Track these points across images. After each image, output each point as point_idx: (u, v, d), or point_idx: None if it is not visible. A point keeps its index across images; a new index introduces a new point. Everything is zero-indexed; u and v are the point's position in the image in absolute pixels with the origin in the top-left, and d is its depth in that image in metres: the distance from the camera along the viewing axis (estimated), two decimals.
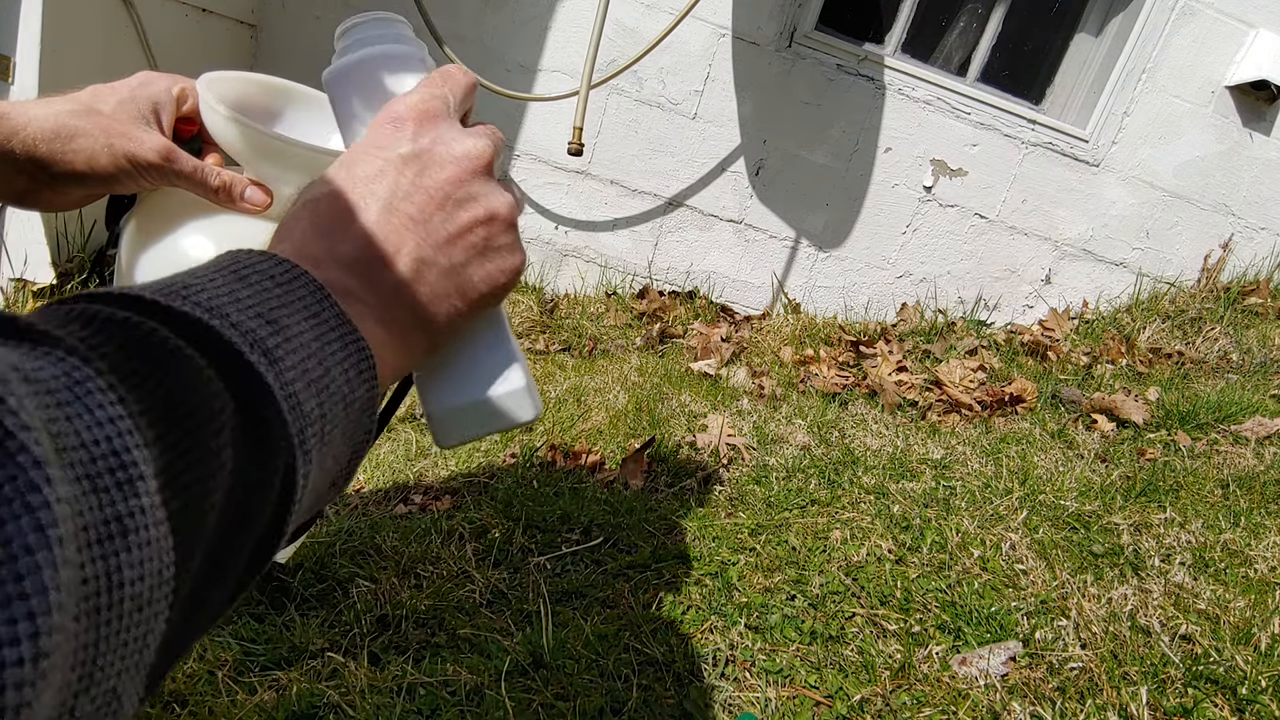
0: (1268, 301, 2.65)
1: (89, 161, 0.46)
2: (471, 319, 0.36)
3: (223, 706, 0.83)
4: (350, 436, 0.29)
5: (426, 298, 0.33)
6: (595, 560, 1.18)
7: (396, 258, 0.32)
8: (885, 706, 0.91)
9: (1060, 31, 2.70)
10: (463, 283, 0.34)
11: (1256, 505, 1.38)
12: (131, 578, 0.19)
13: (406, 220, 0.32)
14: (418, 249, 0.32)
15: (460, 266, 0.33)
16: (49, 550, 0.16)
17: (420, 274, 0.32)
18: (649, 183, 2.57)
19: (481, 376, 0.38)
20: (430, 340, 0.34)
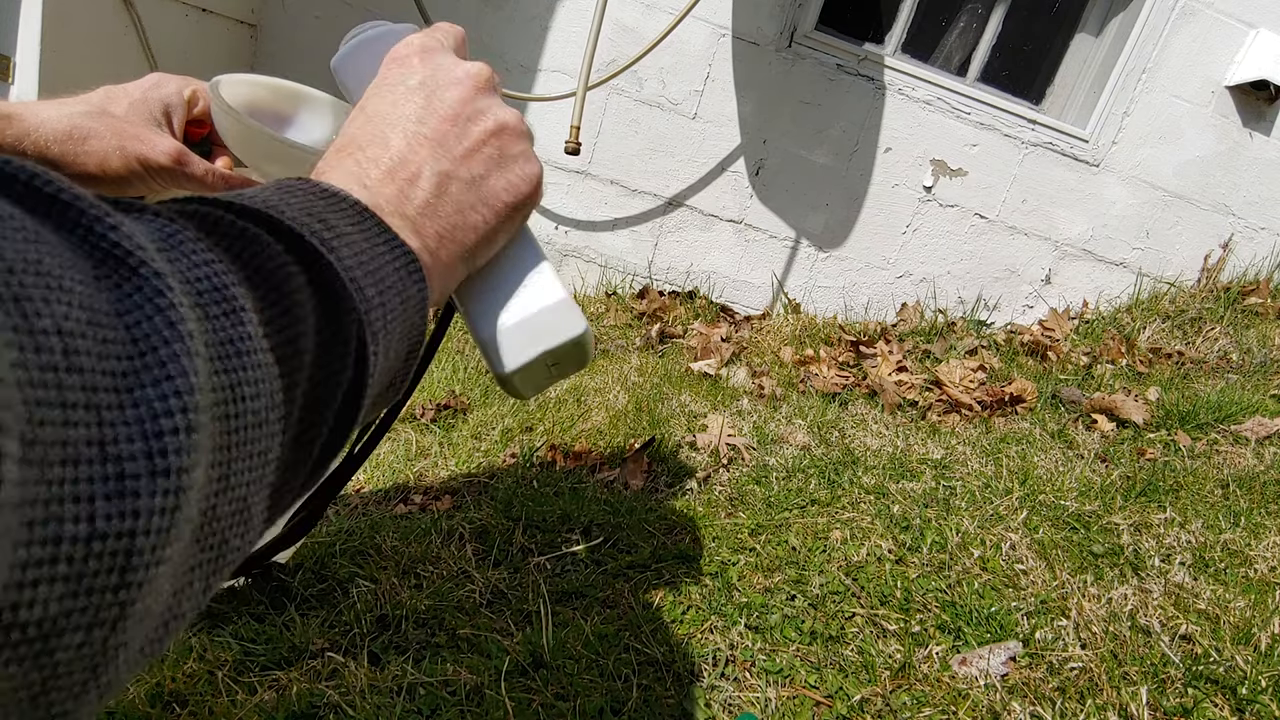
0: (1268, 301, 2.65)
1: (101, 164, 0.47)
2: (502, 236, 0.38)
3: (223, 706, 0.83)
4: (406, 334, 0.31)
5: (454, 209, 0.35)
6: (595, 560, 1.18)
7: (421, 175, 0.34)
8: (885, 706, 0.91)
9: (1060, 31, 2.70)
10: (486, 193, 0.36)
11: (1256, 505, 1.38)
12: (250, 394, 0.21)
13: (424, 140, 0.35)
14: (439, 164, 0.34)
15: (481, 178, 0.36)
16: (183, 342, 0.18)
17: (444, 188, 0.34)
18: (649, 183, 2.57)
19: (523, 294, 0.40)
20: (465, 255, 0.36)
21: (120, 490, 0.16)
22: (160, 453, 0.16)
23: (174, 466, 0.17)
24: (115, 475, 0.16)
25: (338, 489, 0.83)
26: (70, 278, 0.16)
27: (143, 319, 0.17)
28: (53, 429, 0.14)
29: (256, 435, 0.21)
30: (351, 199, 0.30)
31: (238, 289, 0.21)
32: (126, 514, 0.16)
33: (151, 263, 0.18)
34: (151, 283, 0.18)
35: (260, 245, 0.24)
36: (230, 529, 0.21)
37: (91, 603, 0.15)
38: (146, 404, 0.16)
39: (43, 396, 0.14)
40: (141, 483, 0.16)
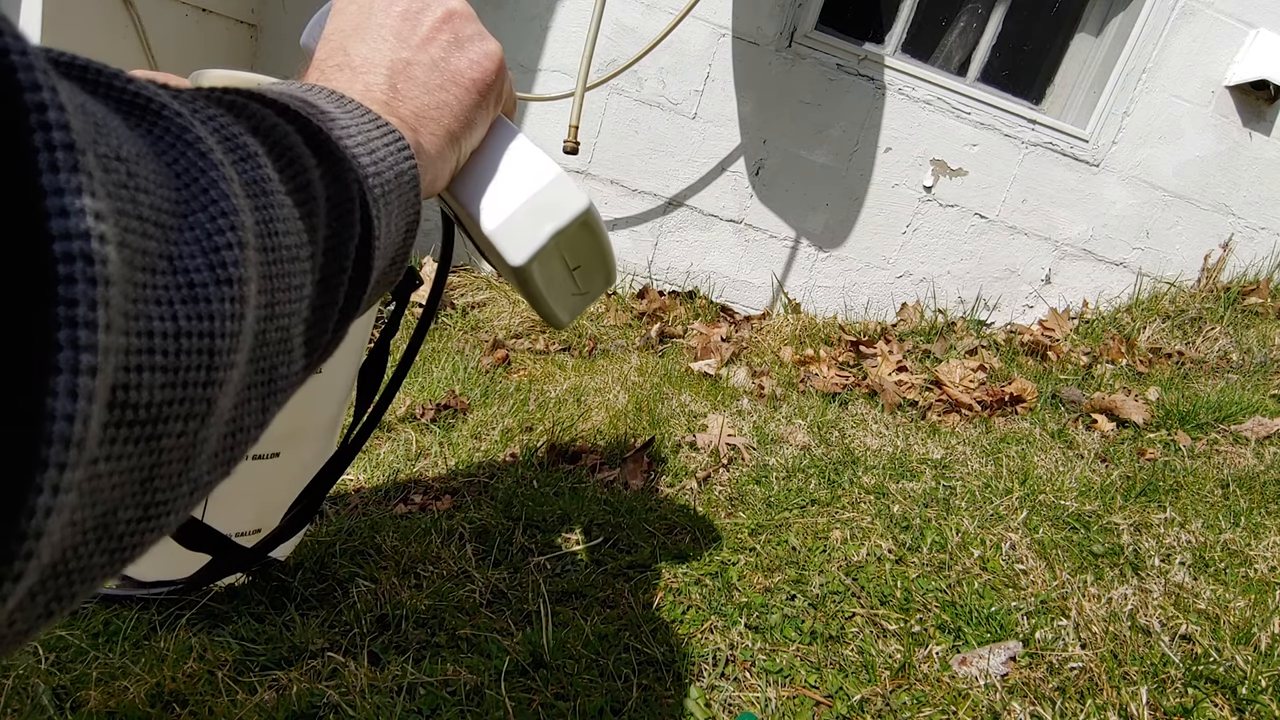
0: (1268, 301, 2.65)
1: None
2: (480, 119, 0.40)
3: (223, 706, 0.83)
4: (404, 210, 0.33)
5: (422, 90, 0.37)
6: (595, 560, 1.18)
7: (381, 65, 0.36)
8: (885, 706, 0.91)
9: (1060, 31, 2.70)
10: (451, 71, 0.38)
11: (1256, 505, 1.38)
12: (282, 230, 0.22)
13: (380, 40, 0.37)
14: (398, 53, 0.37)
15: (441, 60, 0.38)
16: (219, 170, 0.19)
17: (409, 73, 0.37)
18: (649, 183, 2.57)
19: (516, 180, 0.41)
20: (448, 138, 0.38)
21: (193, 296, 0.17)
22: (220, 265, 0.18)
23: (234, 277, 0.19)
24: (186, 284, 0.17)
25: (332, 480, 0.84)
26: (111, 120, 0.17)
27: (179, 156, 0.19)
28: (134, 238, 0.16)
29: (291, 269, 0.22)
30: (326, 88, 0.32)
31: (249, 138, 0.22)
32: (203, 316, 0.18)
33: (174, 107, 0.19)
34: (178, 122, 0.19)
35: (254, 111, 0.25)
36: (277, 356, 0.22)
37: (186, 394, 0.18)
38: (200, 226, 0.18)
39: (123, 208, 0.16)
40: (210, 290, 0.18)
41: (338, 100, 0.31)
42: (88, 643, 0.90)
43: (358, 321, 0.73)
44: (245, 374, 0.20)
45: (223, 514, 0.85)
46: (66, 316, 0.14)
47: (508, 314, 2.40)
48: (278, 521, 0.87)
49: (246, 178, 0.21)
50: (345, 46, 0.37)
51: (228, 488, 0.78)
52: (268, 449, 0.82)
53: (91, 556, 0.17)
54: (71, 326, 0.14)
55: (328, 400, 0.87)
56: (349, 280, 0.28)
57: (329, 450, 0.89)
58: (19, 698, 0.81)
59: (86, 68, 0.18)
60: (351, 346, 0.82)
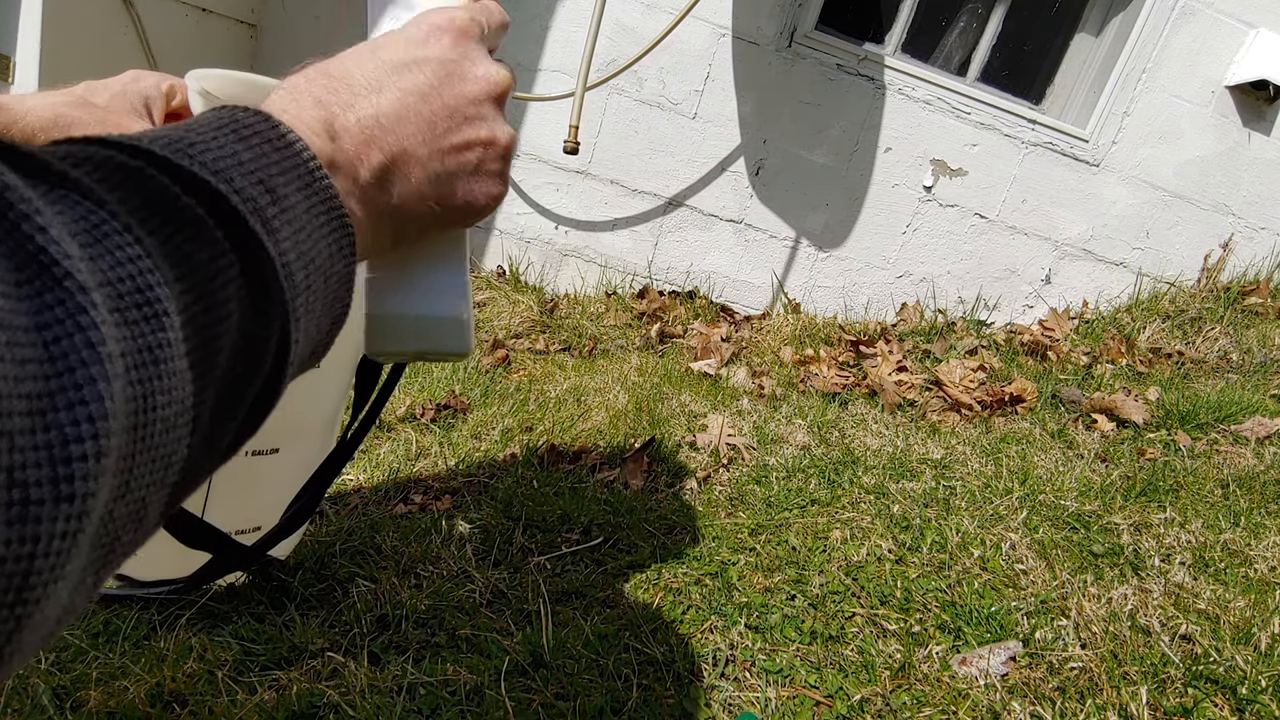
0: (1268, 301, 2.65)
1: None
2: (439, 234, 0.37)
3: (223, 706, 0.83)
4: (330, 308, 0.31)
5: (409, 195, 0.34)
6: (595, 560, 1.18)
7: (393, 148, 0.32)
8: (885, 706, 0.91)
9: (1060, 31, 2.70)
10: (446, 192, 0.35)
11: (1256, 505, 1.38)
12: (163, 403, 0.20)
13: (416, 117, 0.33)
14: (416, 147, 0.33)
15: (449, 176, 0.35)
16: (101, 365, 0.17)
17: (410, 171, 0.33)
18: (649, 182, 2.57)
19: (431, 294, 0.39)
20: (396, 237, 0.35)
21: (23, 516, 0.16)
22: (67, 479, 0.16)
23: (79, 493, 0.17)
24: (20, 501, 0.16)
25: (332, 478, 0.83)
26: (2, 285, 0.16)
27: (62, 335, 0.17)
28: None
29: (163, 441, 0.21)
30: (307, 154, 0.28)
31: (162, 290, 0.21)
32: (27, 538, 0.16)
33: (76, 274, 0.17)
34: (75, 298, 0.17)
35: (196, 232, 0.23)
36: (124, 528, 0.21)
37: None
38: (58, 428, 0.16)
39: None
40: (45, 509, 0.16)
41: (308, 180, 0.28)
42: (88, 643, 0.90)
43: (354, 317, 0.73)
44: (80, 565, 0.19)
45: (222, 512, 0.85)
46: None
47: (508, 314, 2.40)
48: (277, 519, 0.87)
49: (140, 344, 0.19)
50: (381, 91, 0.32)
51: (227, 486, 0.78)
52: (266, 445, 0.82)
53: None
54: None
55: (326, 397, 0.87)
56: (240, 423, 0.27)
57: (328, 447, 0.89)
58: (19, 698, 0.81)
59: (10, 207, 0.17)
60: (350, 344, 0.82)
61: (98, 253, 0.19)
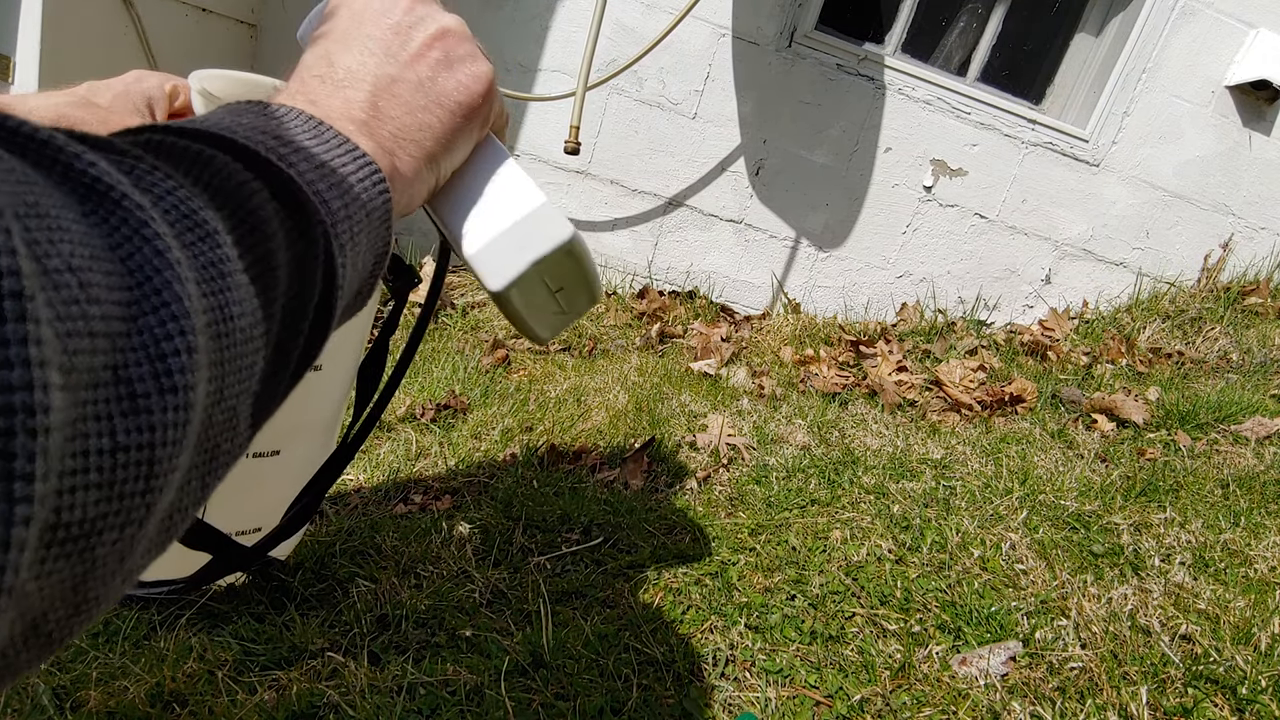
0: (1268, 301, 2.65)
1: None
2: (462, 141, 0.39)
3: (223, 706, 0.83)
4: (373, 245, 0.32)
5: (404, 111, 0.35)
6: (595, 560, 1.18)
7: (366, 81, 0.35)
8: (885, 706, 0.91)
9: (1060, 31, 2.70)
10: (437, 93, 0.37)
11: (1256, 505, 1.38)
12: (237, 313, 0.22)
13: (369, 52, 0.36)
14: (384, 69, 0.35)
15: (429, 79, 0.37)
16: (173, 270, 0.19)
17: (393, 90, 0.35)
18: (649, 182, 2.57)
19: (501, 206, 0.40)
20: (427, 159, 0.37)
21: (135, 409, 0.17)
22: (166, 373, 0.18)
23: (179, 385, 0.19)
24: (129, 396, 0.17)
25: (333, 479, 0.84)
26: (65, 217, 0.17)
27: (134, 251, 0.18)
28: (81, 358, 0.16)
29: (244, 350, 0.22)
30: (301, 112, 0.31)
31: (207, 213, 0.22)
32: (143, 428, 0.18)
33: (132, 196, 0.19)
34: (135, 214, 0.19)
35: (218, 167, 0.24)
36: (222, 435, 0.22)
37: (123, 505, 0.18)
38: (149, 331, 0.18)
39: (70, 328, 0.16)
40: (154, 400, 0.18)
41: (313, 128, 0.30)
42: (88, 643, 0.90)
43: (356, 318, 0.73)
44: (188, 462, 0.20)
45: (223, 513, 0.85)
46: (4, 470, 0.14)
47: None
48: (278, 520, 0.87)
49: (203, 261, 0.21)
50: (331, 55, 0.35)
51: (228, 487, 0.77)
52: (268, 447, 0.82)
53: (19, 655, 0.17)
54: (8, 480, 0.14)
55: (327, 398, 0.87)
56: (305, 339, 0.28)
57: (329, 448, 0.89)
58: (19, 698, 0.81)
59: (48, 146, 0.18)
60: (351, 345, 0.82)
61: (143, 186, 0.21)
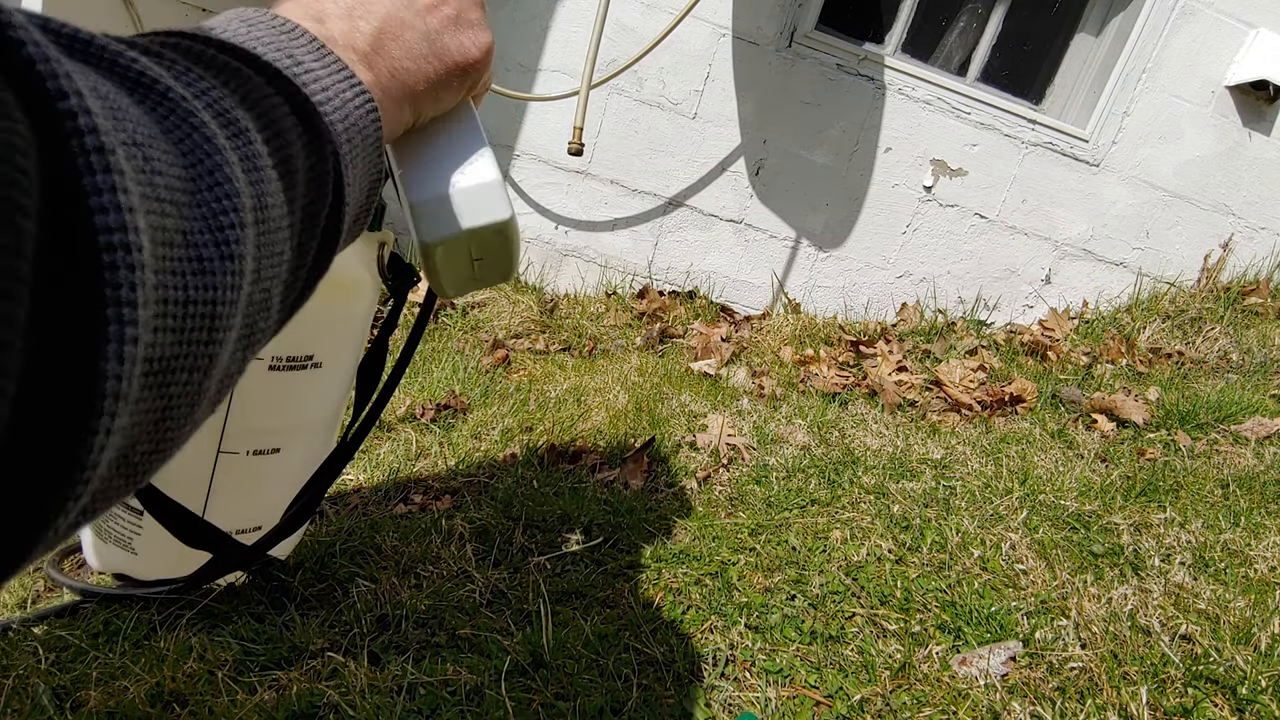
0: (1268, 301, 2.65)
1: None
2: (447, 96, 0.40)
3: (223, 706, 0.83)
4: (367, 170, 0.34)
5: (405, 53, 0.37)
6: (595, 560, 1.18)
7: (377, 15, 0.36)
8: (885, 706, 0.91)
9: (1060, 31, 2.70)
10: (440, 48, 0.38)
11: (1256, 505, 1.38)
12: (271, 203, 0.24)
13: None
14: (396, 10, 0.36)
15: (436, 33, 0.38)
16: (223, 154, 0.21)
17: (400, 33, 0.36)
18: (649, 182, 2.57)
19: (459, 169, 0.42)
20: (410, 99, 0.38)
21: (201, 269, 0.20)
22: (224, 241, 0.20)
23: (235, 254, 0.21)
24: (196, 258, 0.20)
25: (333, 477, 0.84)
26: (123, 101, 0.19)
27: (185, 136, 0.20)
28: (155, 218, 0.18)
29: (275, 238, 0.25)
30: (309, 35, 0.32)
31: (240, 112, 0.24)
32: (208, 286, 0.20)
33: (177, 87, 0.21)
34: (183, 104, 0.21)
35: (245, 78, 0.26)
36: (259, 314, 0.25)
37: (192, 351, 0.20)
38: (206, 204, 0.20)
39: (145, 191, 0.18)
40: (216, 264, 0.20)
41: (316, 51, 0.31)
42: (88, 643, 0.90)
43: (355, 317, 0.73)
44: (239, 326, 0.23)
45: (223, 511, 0.85)
46: (113, 297, 0.16)
47: (508, 314, 2.40)
48: (278, 519, 0.87)
49: (241, 154, 0.23)
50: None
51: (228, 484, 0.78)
52: (268, 445, 0.82)
53: (113, 481, 0.20)
54: (117, 305, 0.17)
55: (327, 397, 0.87)
56: (318, 245, 0.30)
57: (329, 447, 0.89)
58: (19, 698, 0.81)
59: (92, 44, 0.20)
60: (350, 343, 0.82)
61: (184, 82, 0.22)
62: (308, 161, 0.28)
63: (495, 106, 2.41)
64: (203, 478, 0.67)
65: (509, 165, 2.53)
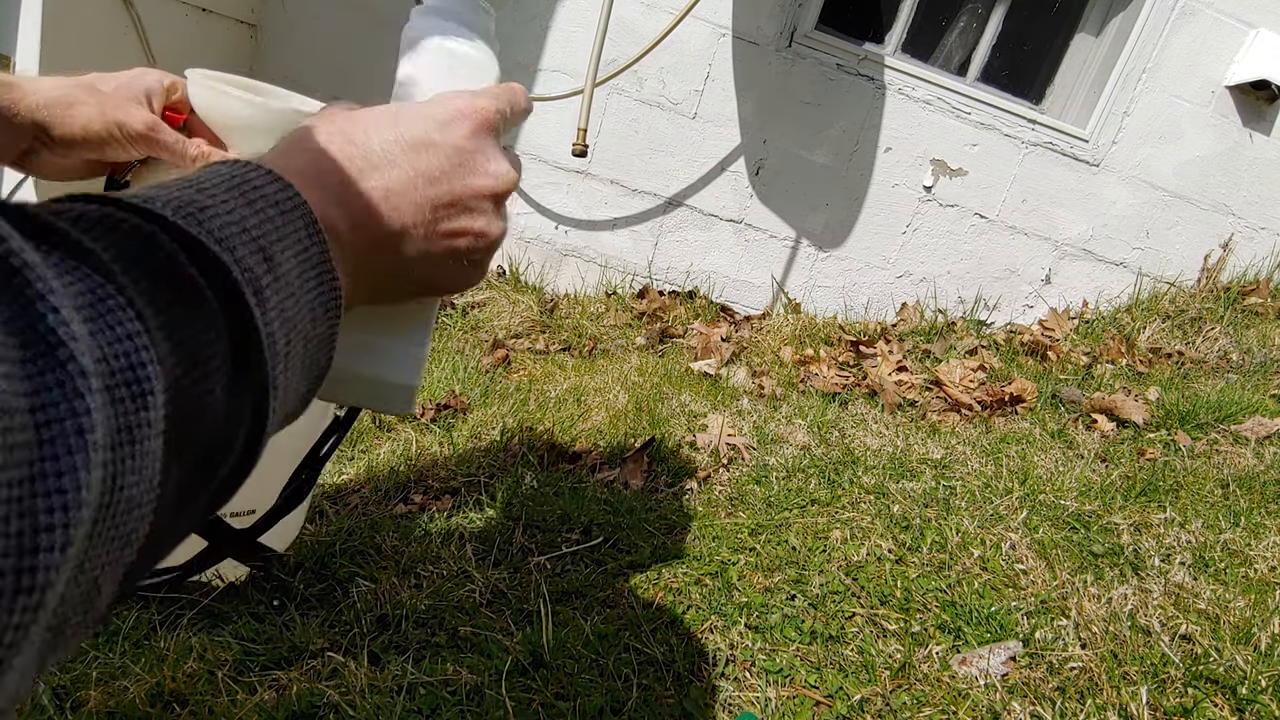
0: (1268, 301, 2.65)
1: (85, 127, 0.54)
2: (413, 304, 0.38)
3: (223, 706, 0.83)
4: (308, 371, 0.31)
5: (396, 268, 0.34)
6: (595, 560, 1.18)
7: (392, 224, 0.33)
8: (885, 706, 0.91)
9: (1060, 31, 2.69)
10: (429, 273, 0.36)
11: (1256, 505, 1.38)
12: (131, 482, 0.20)
13: (421, 199, 0.33)
14: (413, 226, 0.34)
15: (437, 258, 0.35)
16: (85, 453, 0.18)
17: (403, 246, 0.34)
18: (649, 182, 2.57)
19: (390, 359, 0.39)
20: (371, 299, 0.36)
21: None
22: (30, 570, 0.17)
23: (39, 584, 0.17)
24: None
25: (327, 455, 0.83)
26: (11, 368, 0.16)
27: (55, 420, 0.17)
28: None
29: (125, 520, 0.21)
30: (310, 217, 0.29)
31: (153, 368, 0.21)
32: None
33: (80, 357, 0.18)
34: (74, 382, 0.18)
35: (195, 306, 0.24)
36: (74, 610, 0.20)
37: None
38: (32, 516, 0.16)
39: None
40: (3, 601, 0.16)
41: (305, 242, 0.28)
42: (88, 643, 0.90)
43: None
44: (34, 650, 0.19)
45: None
46: None
47: (508, 314, 2.40)
48: (272, 500, 0.86)
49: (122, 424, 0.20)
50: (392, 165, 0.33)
51: None
52: None
53: None
54: None
55: None
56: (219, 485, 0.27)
57: (323, 423, 0.88)
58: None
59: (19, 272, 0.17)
60: None
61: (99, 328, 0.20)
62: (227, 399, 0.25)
63: None
64: None
65: None
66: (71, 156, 0.55)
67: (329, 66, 2.41)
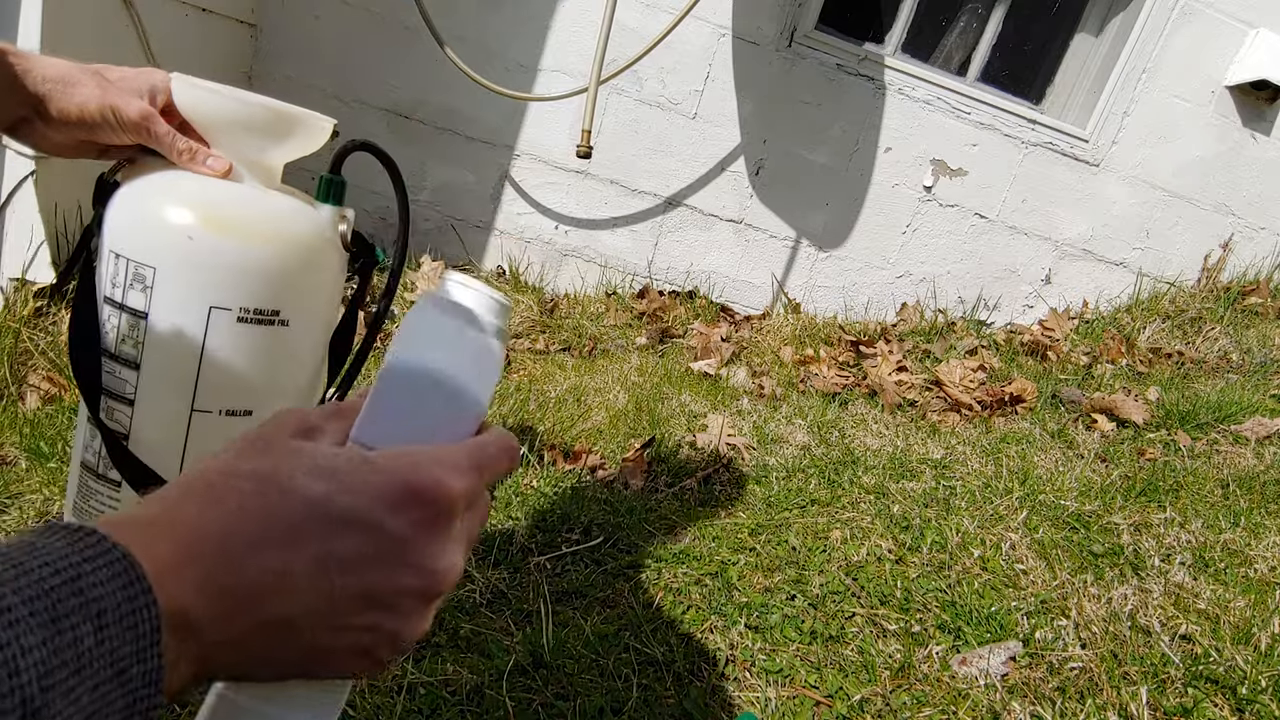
0: (1268, 301, 2.65)
1: (81, 107, 0.55)
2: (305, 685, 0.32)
3: None
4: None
5: (272, 659, 0.28)
6: (595, 560, 1.18)
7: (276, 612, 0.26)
8: (885, 706, 0.91)
9: (1060, 31, 2.70)
10: (316, 664, 0.29)
11: (1256, 505, 1.38)
12: None
13: (324, 587, 0.27)
14: (305, 619, 0.27)
15: (325, 652, 0.29)
16: None
17: (287, 638, 0.27)
18: (649, 182, 2.57)
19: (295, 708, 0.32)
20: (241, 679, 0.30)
21: None
22: None
23: None
24: None
25: None
26: None
27: None
28: None
29: None
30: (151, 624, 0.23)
31: None
32: None
33: None
34: None
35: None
36: None
37: None
38: None
39: None
40: None
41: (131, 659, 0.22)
42: None
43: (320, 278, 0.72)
44: None
45: None
46: None
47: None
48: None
49: None
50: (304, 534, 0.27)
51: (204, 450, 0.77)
52: (240, 405, 0.79)
53: None
54: None
55: (298, 361, 0.84)
56: None
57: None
58: None
59: None
60: (317, 306, 0.80)
61: None
62: None
63: (496, 107, 2.42)
64: (177, 440, 0.66)
65: (510, 166, 2.53)
66: (64, 133, 0.56)
67: (329, 66, 2.41)
